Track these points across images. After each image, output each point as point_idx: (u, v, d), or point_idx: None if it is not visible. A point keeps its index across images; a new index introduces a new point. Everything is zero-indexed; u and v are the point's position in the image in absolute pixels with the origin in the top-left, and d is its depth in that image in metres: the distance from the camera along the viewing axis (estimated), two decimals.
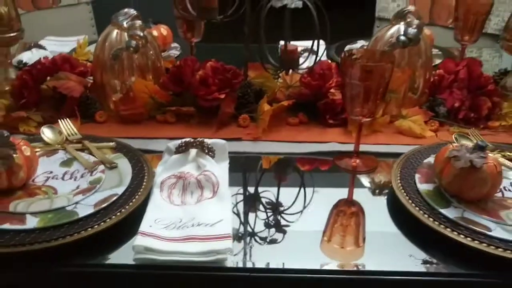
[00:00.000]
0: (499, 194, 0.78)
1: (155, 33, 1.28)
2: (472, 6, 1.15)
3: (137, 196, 0.75)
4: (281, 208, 0.80)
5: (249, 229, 0.75)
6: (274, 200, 0.83)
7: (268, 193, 0.84)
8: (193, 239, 0.68)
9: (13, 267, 0.66)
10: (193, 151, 0.83)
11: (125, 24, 0.99)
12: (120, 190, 0.76)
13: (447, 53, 1.36)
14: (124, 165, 0.83)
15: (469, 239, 0.68)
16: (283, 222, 0.77)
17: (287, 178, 0.94)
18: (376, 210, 0.81)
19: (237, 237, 0.72)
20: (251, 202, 0.83)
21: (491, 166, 0.72)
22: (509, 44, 1.08)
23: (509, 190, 0.79)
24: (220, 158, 0.86)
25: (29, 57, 1.25)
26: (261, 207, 0.81)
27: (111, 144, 0.88)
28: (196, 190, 0.78)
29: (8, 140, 0.74)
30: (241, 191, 0.85)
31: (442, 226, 0.70)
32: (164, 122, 1.02)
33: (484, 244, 0.67)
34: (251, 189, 0.87)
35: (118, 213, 0.71)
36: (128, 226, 0.71)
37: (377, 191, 0.86)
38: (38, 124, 0.97)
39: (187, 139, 0.85)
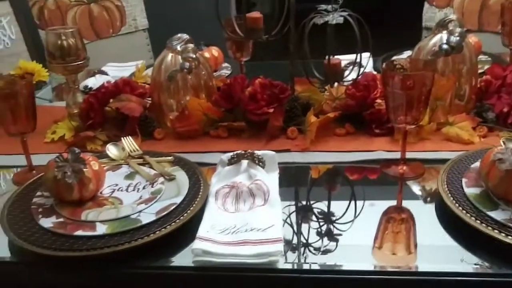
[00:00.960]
0: None
1: (207, 54, 1.37)
2: None
3: (194, 205, 0.81)
4: (333, 218, 0.83)
5: (302, 239, 0.78)
6: (325, 209, 0.86)
7: (318, 202, 0.88)
8: (246, 243, 0.73)
9: (86, 269, 0.73)
10: (244, 162, 0.88)
11: (179, 48, 1.07)
12: (178, 200, 0.82)
13: (496, 58, 1.35)
14: (182, 177, 0.89)
15: None
16: (335, 231, 0.80)
17: (337, 187, 0.97)
18: (425, 215, 0.82)
19: (289, 245, 0.76)
20: (303, 212, 0.86)
21: None
22: None
23: None
24: (270, 168, 0.91)
25: (94, 82, 1.36)
26: (312, 217, 0.84)
27: (169, 158, 0.95)
28: (248, 198, 0.83)
29: (79, 156, 0.82)
30: (293, 200, 0.89)
31: (489, 228, 0.71)
32: (217, 137, 1.08)
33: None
34: (302, 199, 0.91)
35: (177, 220, 0.78)
36: (187, 232, 0.77)
37: (425, 197, 0.88)
38: (103, 142, 1.06)
39: (239, 152, 0.90)
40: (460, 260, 0.71)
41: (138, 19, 1.99)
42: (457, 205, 0.77)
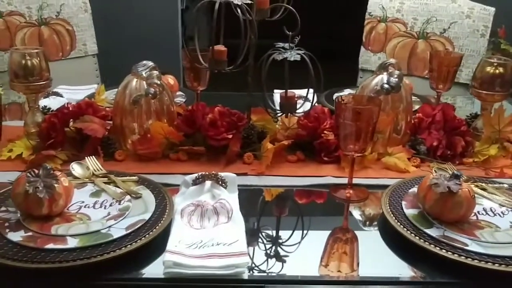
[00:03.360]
0: (474, 217, 0.90)
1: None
2: (444, 59, 1.32)
3: (162, 221, 0.86)
4: (280, 240, 0.89)
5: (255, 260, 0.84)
6: (275, 231, 0.92)
7: (270, 222, 0.96)
8: (213, 256, 0.79)
9: (57, 281, 0.75)
10: (208, 183, 0.95)
11: (144, 74, 1.13)
12: (146, 216, 0.87)
13: (424, 100, 1.52)
14: (148, 196, 0.94)
15: (450, 253, 0.80)
16: (282, 253, 0.86)
17: (287, 210, 1.06)
18: (369, 235, 0.92)
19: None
20: (255, 232, 0.92)
21: (465, 192, 0.86)
22: (477, 91, 1.24)
23: (482, 214, 0.92)
24: (232, 189, 0.97)
25: (48, 103, 1.38)
26: (263, 237, 0.90)
27: (134, 178, 1.00)
28: (213, 216, 0.89)
29: (51, 171, 0.85)
30: (249, 219, 0.96)
31: (427, 243, 0.82)
32: (176, 160, 1.13)
33: (463, 257, 0.79)
34: (257, 219, 0.98)
35: (147, 235, 0.82)
36: (156, 246, 0.81)
37: (369, 218, 0.98)
38: (63, 162, 1.08)
39: (203, 173, 0.96)
40: (400, 271, 0.81)
41: (88, 44, 2.01)
42: (399, 223, 0.88)
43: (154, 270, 0.78)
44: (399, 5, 1.88)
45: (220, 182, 0.95)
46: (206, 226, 0.87)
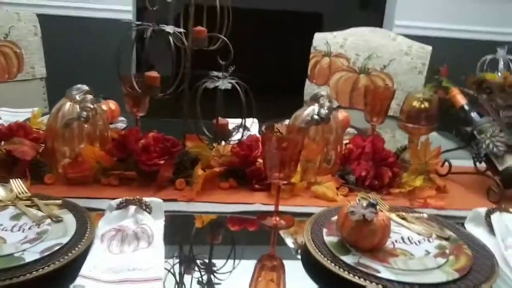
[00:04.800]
0: (391, 246, 0.93)
1: (104, 107, 1.42)
2: (376, 93, 1.38)
3: (80, 245, 0.85)
4: (214, 268, 0.90)
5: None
6: (207, 258, 0.93)
7: (199, 249, 0.96)
8: (127, 281, 0.79)
9: None
10: (132, 208, 0.95)
11: (77, 98, 1.13)
12: (64, 240, 0.86)
13: (362, 132, 1.57)
14: (69, 220, 0.93)
15: (361, 279, 0.82)
16: (215, 281, 0.87)
17: (219, 237, 1.06)
18: (294, 262, 0.94)
19: None
20: (186, 261, 0.93)
21: (380, 220, 0.88)
22: (404, 124, 1.30)
23: (399, 242, 0.95)
24: (157, 215, 0.97)
25: None
26: (195, 266, 0.91)
27: (58, 201, 0.99)
28: (133, 241, 0.89)
29: None
30: (177, 248, 0.96)
31: (341, 269, 0.84)
32: (108, 184, 1.13)
33: (374, 284, 0.81)
34: (187, 247, 0.98)
35: (62, 259, 0.81)
36: (71, 271, 0.80)
37: (294, 245, 1.00)
38: None
39: (127, 198, 0.96)
40: None
41: (36, 67, 2.00)
42: (317, 250, 0.90)
43: None
44: (343, 41, 1.96)
45: (144, 207, 0.95)
46: (126, 251, 0.87)
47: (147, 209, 0.95)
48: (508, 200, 1.18)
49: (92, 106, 1.11)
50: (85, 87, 1.15)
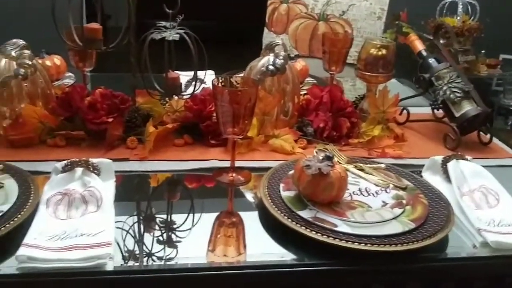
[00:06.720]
0: (348, 197, 0.92)
1: (48, 63, 1.34)
2: (334, 41, 1.33)
3: (22, 212, 0.80)
4: (173, 226, 0.87)
5: (145, 248, 0.81)
6: (164, 217, 0.90)
7: (157, 207, 0.93)
8: (75, 248, 0.75)
9: None
10: (79, 170, 0.89)
11: (13, 54, 1.04)
12: (5, 208, 0.81)
13: (321, 81, 1.54)
14: (11, 185, 0.87)
15: (318, 234, 0.81)
16: (175, 239, 0.84)
17: (176, 195, 1.03)
18: (252, 218, 0.91)
19: (130, 253, 0.78)
20: (143, 221, 0.89)
21: (336, 173, 0.87)
22: (362, 73, 1.27)
23: (357, 194, 0.94)
24: (106, 176, 0.92)
25: None
26: (152, 225, 0.87)
27: None
28: (81, 205, 0.84)
29: None
30: (132, 209, 0.93)
31: (298, 225, 0.83)
32: (54, 146, 1.07)
33: (331, 238, 0.80)
34: (142, 207, 0.95)
35: (3, 228, 0.76)
36: (14, 240, 0.75)
37: (252, 201, 0.98)
38: None
39: (73, 159, 0.91)
40: (271, 253, 0.81)
41: None
42: (273, 206, 0.88)
43: (9, 266, 0.72)
44: None
45: (91, 169, 0.90)
46: (73, 216, 0.83)
47: (95, 171, 0.90)
48: (465, 147, 1.18)
49: (30, 63, 1.03)
50: (22, 42, 1.06)
